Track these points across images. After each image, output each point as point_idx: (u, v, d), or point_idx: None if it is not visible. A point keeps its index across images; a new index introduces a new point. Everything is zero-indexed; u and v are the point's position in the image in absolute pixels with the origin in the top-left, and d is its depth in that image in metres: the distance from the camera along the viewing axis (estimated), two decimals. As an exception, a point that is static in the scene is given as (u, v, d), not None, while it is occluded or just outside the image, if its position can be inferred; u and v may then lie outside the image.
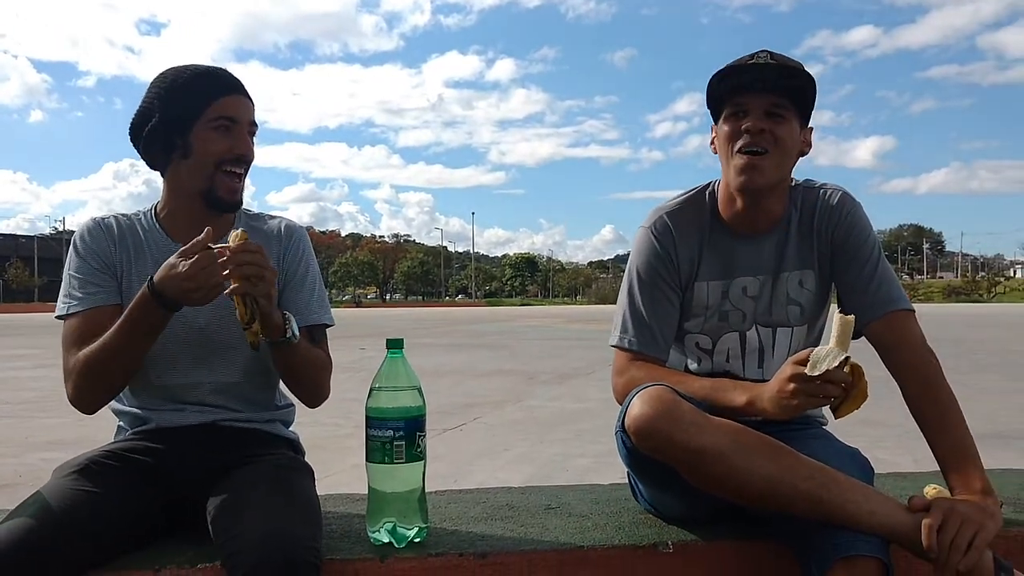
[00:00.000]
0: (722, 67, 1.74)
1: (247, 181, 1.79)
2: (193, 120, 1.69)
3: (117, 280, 1.74)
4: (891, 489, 1.89)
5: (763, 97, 1.72)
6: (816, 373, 1.51)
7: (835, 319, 1.57)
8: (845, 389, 1.53)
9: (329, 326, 1.87)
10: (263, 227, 1.85)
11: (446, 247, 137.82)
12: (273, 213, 1.93)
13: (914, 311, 1.78)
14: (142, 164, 1.79)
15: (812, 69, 1.74)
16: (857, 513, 1.45)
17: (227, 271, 1.49)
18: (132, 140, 1.77)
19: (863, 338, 1.75)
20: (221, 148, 1.70)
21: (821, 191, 1.86)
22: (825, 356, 1.52)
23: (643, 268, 1.86)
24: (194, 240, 1.51)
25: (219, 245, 1.52)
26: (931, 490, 1.93)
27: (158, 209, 1.81)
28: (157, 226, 1.79)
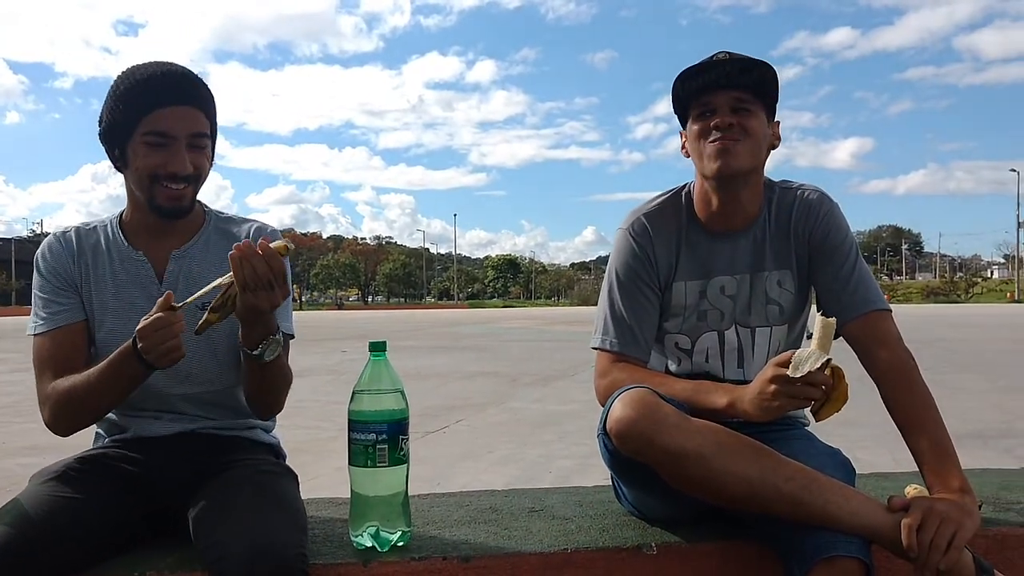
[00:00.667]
0: (683, 70, 1.78)
1: (226, 182, 1.77)
2: (127, 134, 1.63)
3: (79, 295, 1.72)
4: (872, 489, 1.90)
5: (728, 93, 1.75)
6: (798, 375, 1.51)
7: (817, 321, 1.57)
8: (826, 392, 1.54)
9: (291, 337, 1.80)
10: (233, 230, 1.81)
11: (428, 249, 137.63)
12: (249, 217, 1.87)
13: (891, 311, 1.79)
14: None
15: (790, 70, 1.82)
16: (838, 514, 1.46)
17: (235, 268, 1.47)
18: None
19: (841, 339, 1.76)
20: (152, 164, 1.63)
21: (799, 191, 1.87)
22: (807, 358, 1.53)
23: (622, 270, 1.87)
24: (159, 301, 1.49)
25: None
26: (912, 490, 1.95)
27: (124, 215, 1.78)
28: (120, 233, 1.75)
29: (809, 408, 1.59)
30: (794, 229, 1.85)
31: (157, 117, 1.61)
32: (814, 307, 1.81)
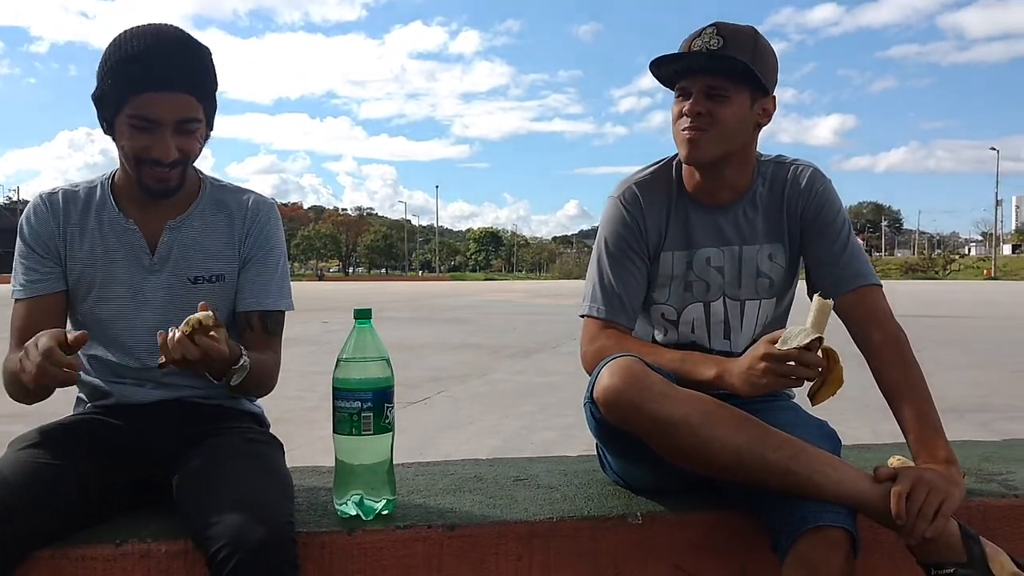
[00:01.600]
0: (656, 57, 1.76)
1: (207, 151, 1.69)
2: (114, 109, 1.56)
3: (61, 265, 1.67)
4: (856, 461, 1.90)
5: (702, 79, 1.73)
6: (785, 348, 1.51)
7: (814, 301, 1.57)
8: (822, 374, 1.54)
9: (288, 310, 1.79)
10: (229, 200, 1.76)
11: (409, 221, 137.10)
12: (245, 187, 1.82)
13: (882, 286, 1.80)
14: (97, 133, 1.65)
15: (775, 46, 1.74)
16: (825, 483, 1.46)
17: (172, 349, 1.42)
18: None
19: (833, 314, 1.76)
20: (137, 147, 1.56)
21: (792, 167, 1.87)
22: (797, 334, 1.52)
23: (611, 238, 1.86)
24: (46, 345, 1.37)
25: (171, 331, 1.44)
26: (895, 461, 1.96)
27: (116, 179, 1.72)
28: (111, 199, 1.70)
29: (807, 393, 1.59)
30: (787, 204, 1.84)
31: (143, 101, 1.53)
32: (805, 285, 1.80)
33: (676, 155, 1.91)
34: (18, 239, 1.69)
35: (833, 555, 1.41)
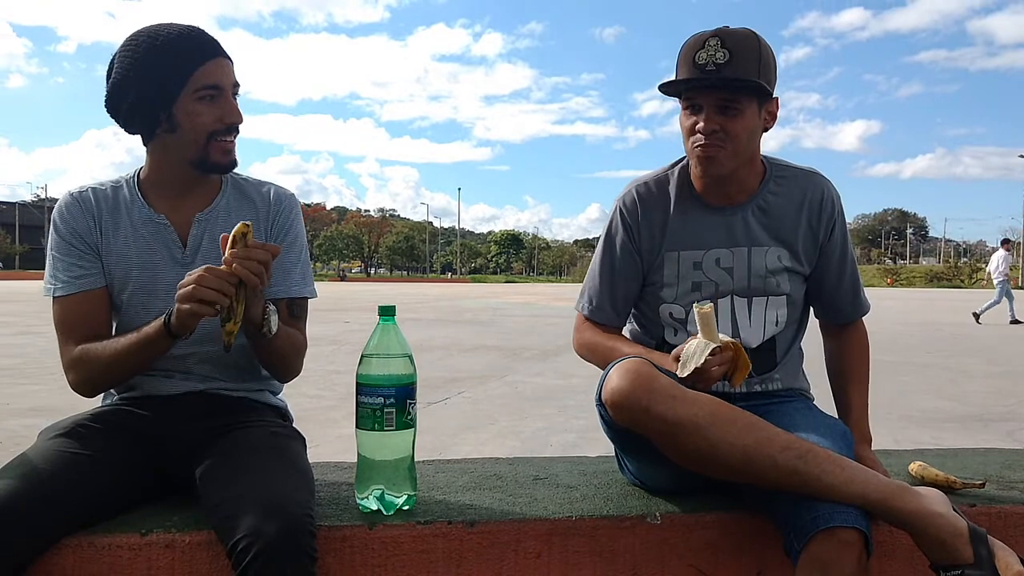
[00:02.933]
0: (665, 81, 1.78)
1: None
2: (175, 94, 1.60)
3: (99, 259, 1.71)
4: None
5: (714, 94, 1.74)
6: (686, 373, 1.61)
7: (695, 312, 1.66)
8: (732, 363, 1.66)
9: (311, 298, 1.84)
10: (251, 192, 1.81)
11: (431, 222, 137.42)
12: (264, 179, 1.87)
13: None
14: (123, 133, 1.70)
15: (800, 51, 1.76)
16: (834, 484, 1.46)
17: (234, 265, 1.46)
18: (110, 114, 1.68)
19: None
20: (209, 120, 1.63)
21: (814, 181, 1.90)
22: (693, 353, 1.62)
23: (606, 240, 1.96)
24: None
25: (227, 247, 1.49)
26: (915, 467, 1.96)
27: (141, 177, 1.75)
28: (140, 196, 1.73)
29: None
30: (807, 217, 1.88)
31: (207, 71, 1.63)
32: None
33: (684, 158, 1.93)
34: (52, 236, 1.71)
35: (846, 556, 1.41)
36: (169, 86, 1.60)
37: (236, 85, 1.69)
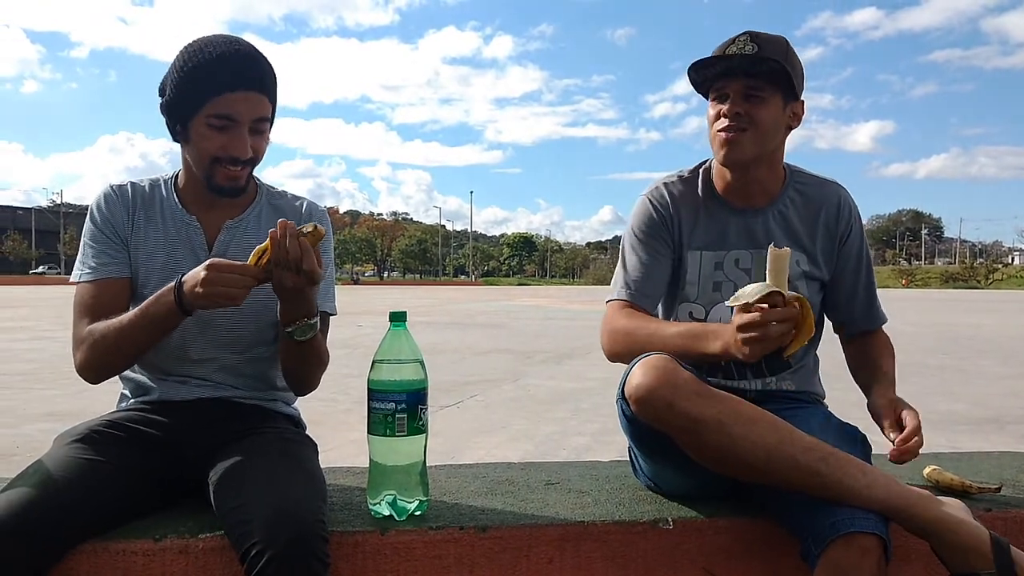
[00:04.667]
0: (696, 60, 1.81)
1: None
2: (191, 111, 1.64)
3: (128, 251, 1.74)
4: (888, 470, 1.89)
5: (740, 81, 1.78)
6: (736, 303, 1.54)
7: (768, 252, 1.56)
8: (795, 325, 1.55)
9: (331, 315, 1.86)
10: (285, 206, 1.84)
11: (444, 226, 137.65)
12: (298, 194, 1.90)
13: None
14: (137, 138, 1.77)
15: (812, 51, 1.81)
16: (854, 488, 1.46)
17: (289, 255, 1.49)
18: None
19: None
20: (214, 146, 1.64)
21: (831, 189, 1.93)
22: (750, 292, 1.53)
23: (638, 227, 1.93)
24: (239, 264, 1.52)
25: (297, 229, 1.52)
26: (931, 471, 1.94)
27: (179, 179, 1.80)
28: (176, 196, 1.78)
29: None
30: (824, 222, 1.90)
31: (225, 101, 1.61)
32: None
33: (706, 161, 1.97)
34: (87, 225, 1.76)
35: (866, 562, 1.40)
36: (187, 103, 1.64)
37: (262, 120, 1.67)
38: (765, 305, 1.53)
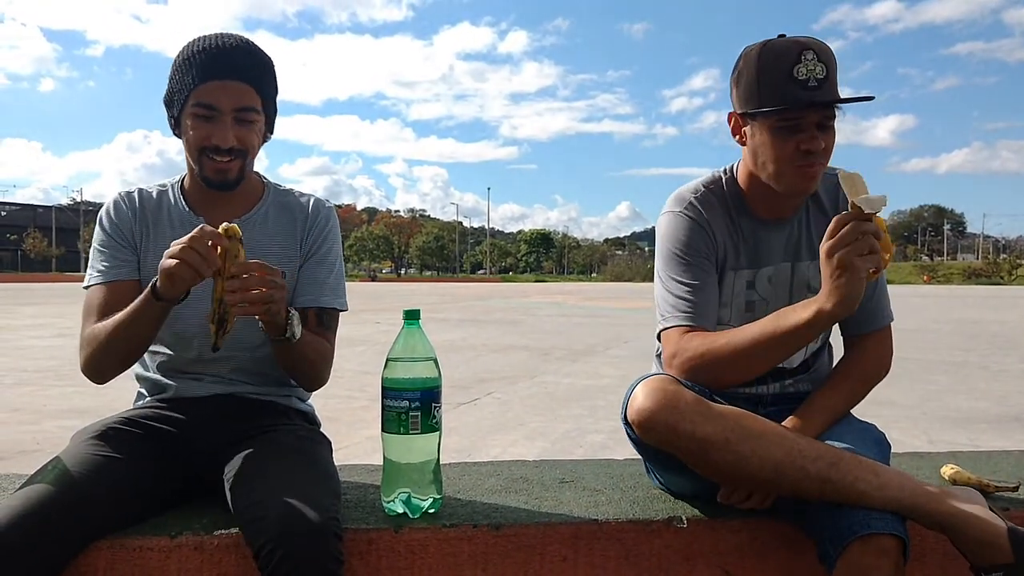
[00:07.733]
0: (783, 101, 1.62)
1: (261, 153, 1.77)
2: (180, 104, 1.67)
3: (136, 255, 1.76)
4: (906, 469, 1.88)
5: (819, 113, 1.63)
6: (857, 198, 1.44)
7: (843, 180, 1.48)
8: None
9: (341, 311, 1.85)
10: (292, 203, 1.84)
11: (461, 222, 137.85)
12: (305, 191, 1.90)
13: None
14: (155, 135, 1.80)
15: (831, 45, 1.69)
16: (868, 490, 1.45)
17: (234, 292, 1.48)
18: None
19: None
20: (199, 136, 1.66)
21: (830, 181, 1.81)
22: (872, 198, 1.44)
23: (679, 246, 1.78)
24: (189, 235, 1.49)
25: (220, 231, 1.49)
26: (948, 469, 1.93)
27: (184, 182, 1.82)
28: (182, 199, 1.80)
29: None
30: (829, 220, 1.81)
31: (206, 89, 1.64)
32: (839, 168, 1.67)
33: (727, 171, 1.85)
34: (97, 232, 1.79)
35: (884, 562, 1.39)
36: (177, 95, 1.68)
37: (246, 110, 1.67)
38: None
